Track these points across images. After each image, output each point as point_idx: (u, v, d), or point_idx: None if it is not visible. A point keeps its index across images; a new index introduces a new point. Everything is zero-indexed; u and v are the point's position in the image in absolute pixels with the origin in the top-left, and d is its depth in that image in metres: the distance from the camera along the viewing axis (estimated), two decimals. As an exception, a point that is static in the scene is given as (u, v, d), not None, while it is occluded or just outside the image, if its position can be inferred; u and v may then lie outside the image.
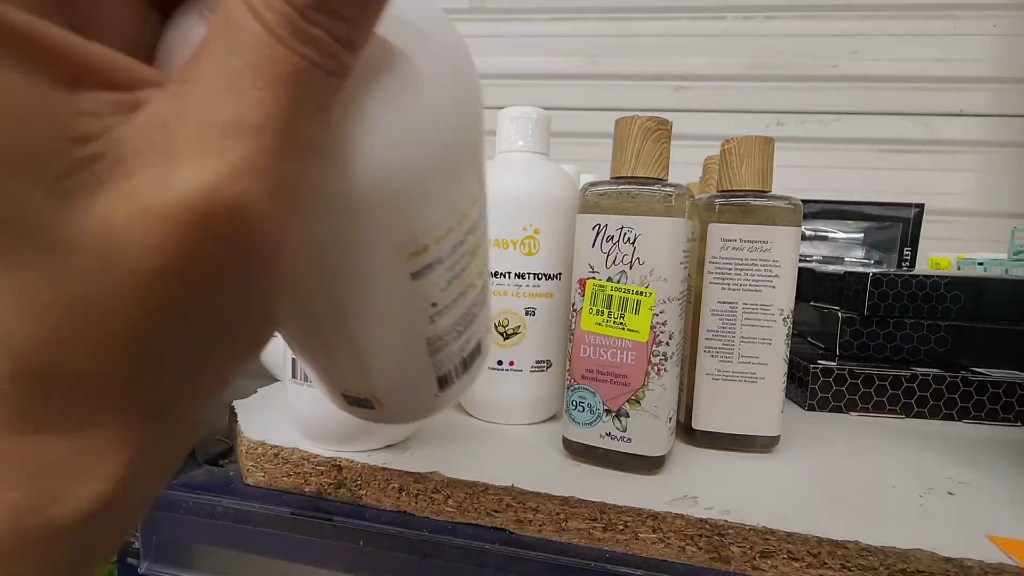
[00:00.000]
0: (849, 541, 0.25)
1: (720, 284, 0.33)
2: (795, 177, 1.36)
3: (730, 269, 0.33)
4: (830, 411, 0.44)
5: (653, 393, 0.29)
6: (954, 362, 0.46)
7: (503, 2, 1.41)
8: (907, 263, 0.71)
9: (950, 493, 0.30)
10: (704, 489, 0.29)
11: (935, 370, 0.43)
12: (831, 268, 0.51)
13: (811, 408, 0.44)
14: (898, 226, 0.70)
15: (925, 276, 0.46)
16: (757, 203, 0.33)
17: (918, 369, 0.43)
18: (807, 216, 0.74)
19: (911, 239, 0.70)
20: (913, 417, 0.43)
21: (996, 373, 0.43)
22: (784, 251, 0.33)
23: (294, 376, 0.31)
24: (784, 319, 0.33)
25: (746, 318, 0.33)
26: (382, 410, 0.19)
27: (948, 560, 0.24)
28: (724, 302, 0.33)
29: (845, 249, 0.73)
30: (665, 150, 0.30)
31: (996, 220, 1.29)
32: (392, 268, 0.14)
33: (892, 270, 0.47)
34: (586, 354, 0.30)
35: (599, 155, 0.31)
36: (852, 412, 0.44)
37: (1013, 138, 1.28)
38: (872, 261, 0.72)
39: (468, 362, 0.20)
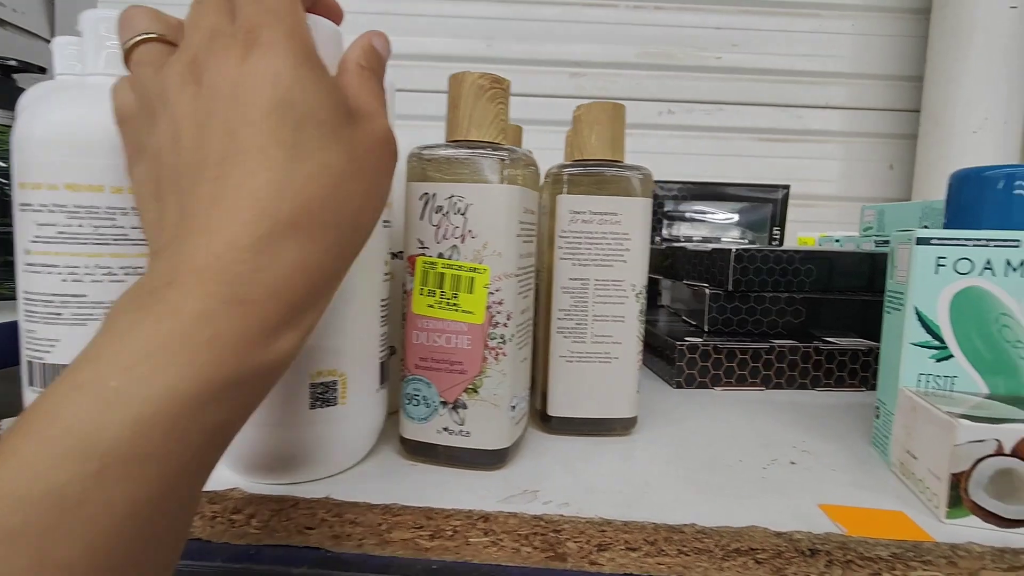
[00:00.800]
0: (685, 525, 0.23)
1: (571, 260, 0.31)
2: (683, 163, 1.42)
3: (580, 243, 0.31)
4: (697, 387, 0.44)
5: (492, 380, 0.27)
6: (809, 333, 0.47)
7: (392, -22, 1.34)
8: (776, 241, 0.74)
9: (792, 463, 0.30)
10: (550, 481, 0.27)
11: (791, 341, 0.44)
12: (701, 246, 0.51)
13: (679, 386, 0.44)
14: (768, 207, 0.73)
15: (783, 251, 0.47)
16: (606, 173, 0.31)
17: (776, 341, 0.44)
18: (688, 199, 0.76)
19: (780, 219, 0.73)
20: (772, 388, 0.44)
21: (844, 342, 0.45)
22: (634, 223, 0.31)
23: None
24: (637, 295, 0.32)
25: (598, 295, 0.31)
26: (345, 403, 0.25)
27: (779, 535, 0.23)
28: (575, 279, 0.31)
29: (722, 230, 0.75)
30: (502, 111, 0.28)
31: (856, 203, 1.42)
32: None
33: (755, 246, 0.47)
34: (419, 340, 0.27)
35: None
36: (717, 387, 0.44)
37: (870, 129, 1.40)
38: (747, 240, 0.75)
39: (385, 367, 0.28)
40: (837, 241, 0.69)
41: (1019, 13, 1.18)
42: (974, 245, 0.28)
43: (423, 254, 0.27)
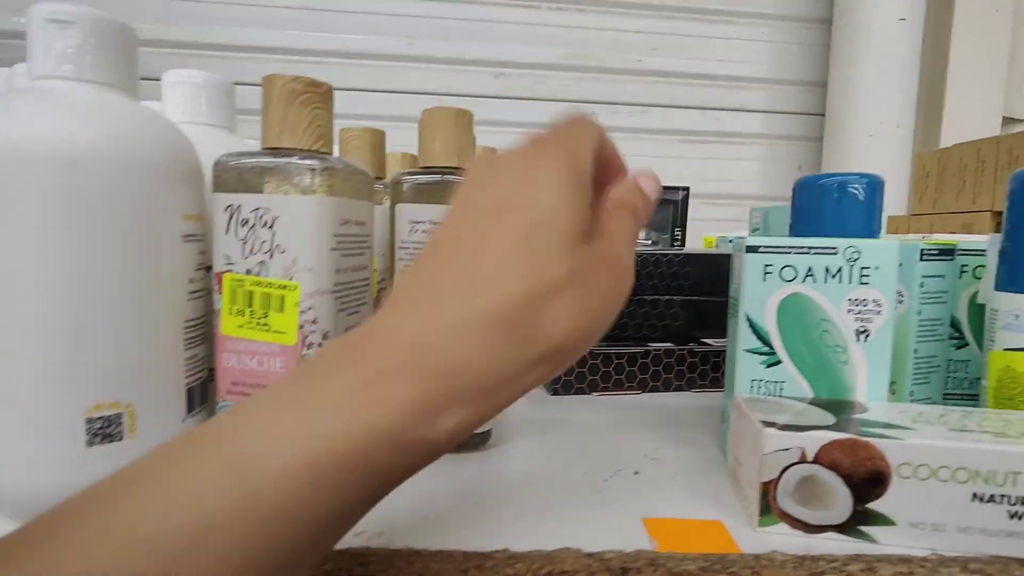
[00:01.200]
0: (497, 551, 0.22)
1: (412, 272, 0.30)
2: (609, 165, 1.44)
3: (421, 255, 0.30)
4: (575, 394, 0.43)
5: (308, 403, 0.25)
6: (691, 335, 0.48)
7: (306, -28, 1.29)
8: (679, 241, 0.75)
9: (636, 473, 0.30)
10: (374, 508, 0.25)
11: (667, 345, 0.45)
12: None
13: (556, 393, 0.43)
14: (670, 208, 0.74)
15: (661, 254, 0.47)
16: (448, 180, 0.30)
17: (653, 345, 0.45)
18: (591, 200, 0.76)
19: (681, 219, 0.74)
20: (649, 391, 0.44)
21: (719, 343, 0.46)
22: (477, 233, 0.30)
23: None
24: (483, 306, 0.31)
25: (442, 308, 0.30)
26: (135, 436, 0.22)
27: (590, 555, 0.22)
28: (417, 291, 0.30)
29: (627, 232, 0.76)
30: (320, 116, 0.26)
31: (771, 203, 1.48)
32: None
33: (636, 249, 0.47)
34: (230, 363, 0.25)
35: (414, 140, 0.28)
36: (595, 393, 0.44)
37: (782, 132, 1.47)
38: (651, 241, 0.76)
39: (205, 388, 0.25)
40: (730, 241, 0.71)
41: (908, 25, 1.26)
42: (796, 253, 0.28)
43: (230, 270, 0.25)
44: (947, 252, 0.33)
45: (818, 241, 0.28)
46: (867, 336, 0.28)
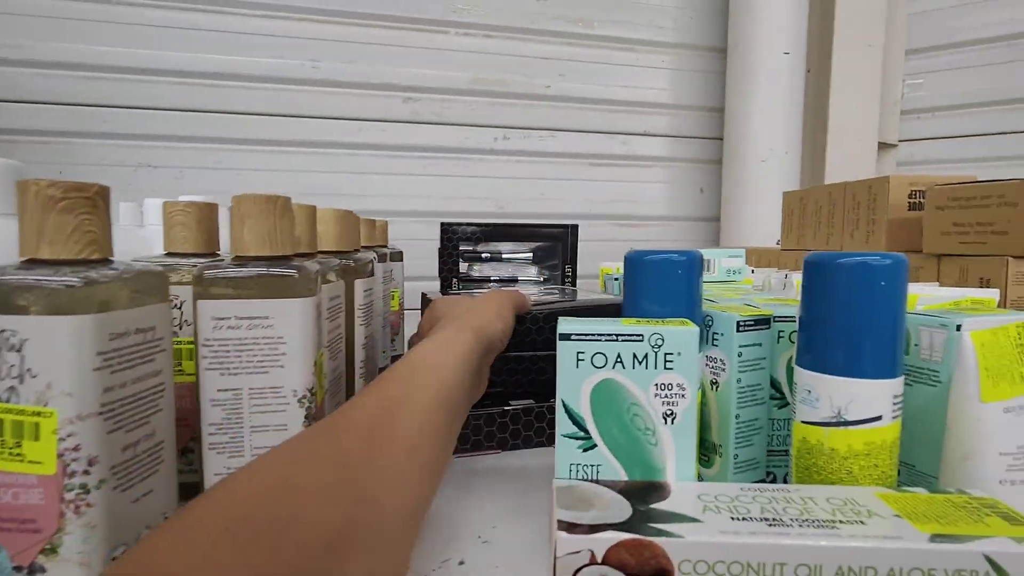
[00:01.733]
0: None
1: (218, 370, 0.29)
2: (522, 188, 1.45)
3: (228, 351, 0.29)
4: (434, 460, 0.43)
5: (74, 537, 0.23)
6: (551, 390, 0.49)
7: (197, -10, 1.22)
8: (569, 278, 0.77)
9: (461, 563, 0.30)
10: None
11: (528, 402, 0.45)
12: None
13: (415, 460, 0.42)
14: (558, 245, 0.76)
15: (526, 312, 0.48)
16: (252, 273, 0.29)
17: (513, 402, 0.45)
18: (483, 239, 0.76)
19: (571, 256, 0.76)
20: (509, 450, 0.44)
21: (582, 397, 0.47)
22: (291, 324, 0.29)
23: None
24: (300, 399, 0.30)
25: (254, 405, 0.29)
26: None
27: None
28: (225, 390, 0.29)
29: (520, 268, 0.77)
30: (88, 221, 0.24)
31: (679, 223, 1.55)
32: None
33: (504, 304, 0.47)
34: (-19, 498, 0.23)
35: (324, 164, 0.26)
36: (453, 455, 0.43)
37: (686, 155, 1.54)
38: (542, 279, 0.77)
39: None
40: (616, 279, 0.73)
41: (791, 59, 1.35)
42: (607, 340, 0.29)
43: (-25, 397, 0.22)
44: (763, 322, 0.35)
45: (626, 328, 0.29)
46: (674, 419, 0.29)
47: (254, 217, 0.29)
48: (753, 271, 0.74)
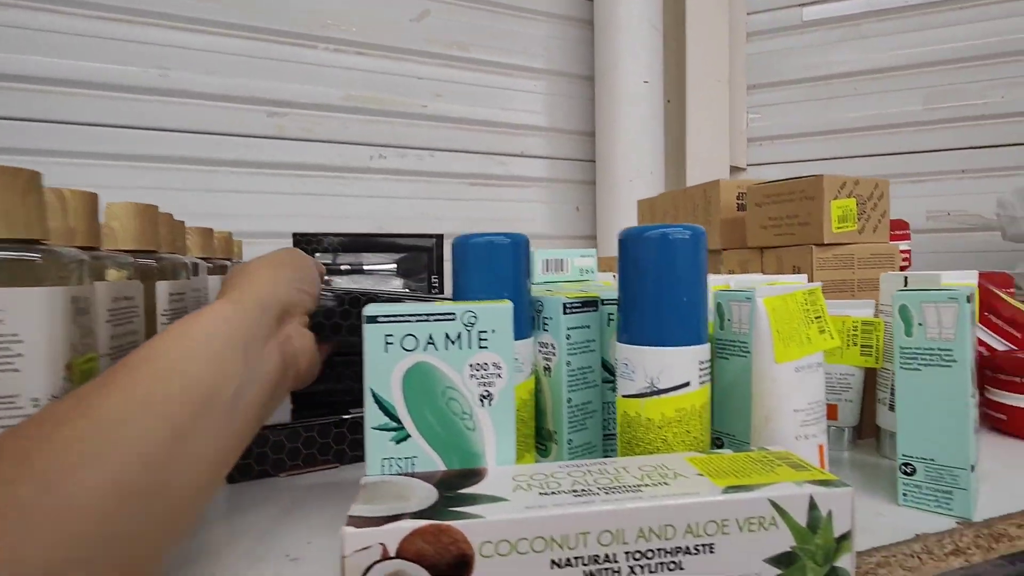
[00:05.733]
0: None
1: (-78, 376, 0.23)
2: (400, 208, 1.42)
3: (-63, 353, 0.23)
4: (256, 478, 0.38)
5: None
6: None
7: (17, -15, 1.08)
8: (436, 288, 0.75)
9: (255, 587, 0.26)
10: None
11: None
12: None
13: (232, 480, 0.37)
14: (424, 255, 0.74)
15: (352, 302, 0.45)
16: (-18, 256, 0.24)
17: (353, 410, 0.42)
18: (342, 251, 0.72)
19: (437, 266, 0.74)
20: (349, 463, 0.41)
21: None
22: (28, 320, 0.24)
23: None
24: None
25: (-23, 419, 0.23)
26: None
27: None
28: (-67, 402, 0.23)
29: (384, 281, 0.74)
30: None
31: (557, 240, 1.60)
32: None
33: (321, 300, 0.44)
34: None
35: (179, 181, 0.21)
36: (283, 473, 0.39)
37: (562, 176, 1.60)
38: (408, 291, 0.74)
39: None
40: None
41: (651, 87, 1.46)
42: (417, 321, 0.27)
43: None
44: (590, 304, 0.36)
45: (437, 307, 0.28)
46: (491, 400, 0.28)
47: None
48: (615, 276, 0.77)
